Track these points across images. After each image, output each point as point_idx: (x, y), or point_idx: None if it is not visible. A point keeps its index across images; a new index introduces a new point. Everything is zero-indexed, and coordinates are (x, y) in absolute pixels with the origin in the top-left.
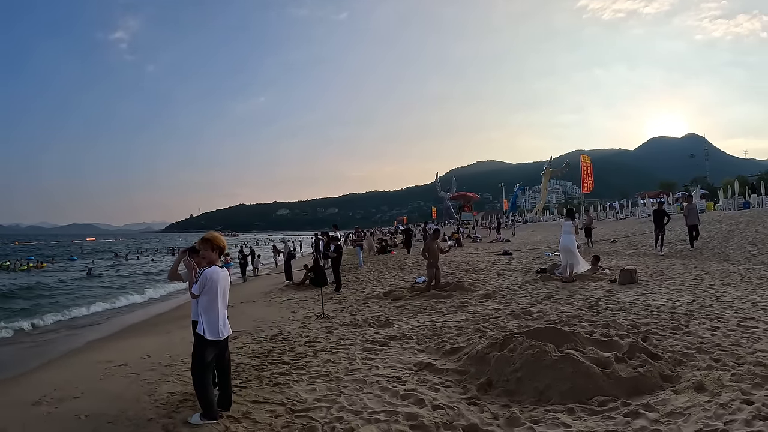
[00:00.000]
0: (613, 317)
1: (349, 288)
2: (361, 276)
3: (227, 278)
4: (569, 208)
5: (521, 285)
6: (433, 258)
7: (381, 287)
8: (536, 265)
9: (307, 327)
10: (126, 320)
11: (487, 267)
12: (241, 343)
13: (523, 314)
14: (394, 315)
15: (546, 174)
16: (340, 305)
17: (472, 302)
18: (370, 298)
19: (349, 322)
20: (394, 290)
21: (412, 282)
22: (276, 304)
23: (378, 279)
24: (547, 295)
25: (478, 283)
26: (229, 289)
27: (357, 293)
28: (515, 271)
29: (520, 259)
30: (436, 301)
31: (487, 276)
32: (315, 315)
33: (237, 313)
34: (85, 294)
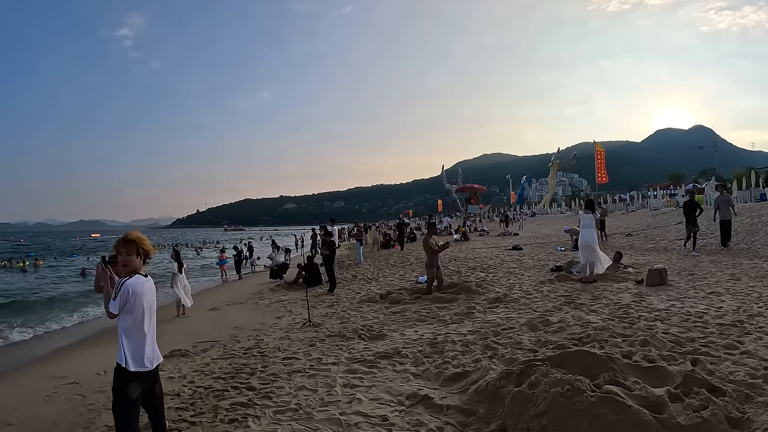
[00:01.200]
0: (650, 330)
1: (345, 288)
2: (360, 274)
3: (153, 290)
4: (589, 198)
5: (535, 286)
6: (431, 256)
7: (379, 287)
8: (550, 262)
9: (288, 337)
10: (105, 323)
11: (496, 264)
12: (209, 359)
13: (541, 324)
14: (390, 324)
15: (554, 166)
16: (331, 309)
17: (481, 308)
18: (365, 301)
19: (337, 332)
20: (392, 292)
21: (413, 282)
22: (262, 308)
23: (377, 278)
24: (566, 300)
25: (486, 283)
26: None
27: (352, 295)
28: (527, 269)
29: (531, 255)
30: (439, 307)
31: (496, 275)
32: (301, 321)
33: (218, 318)
34: (71, 295)
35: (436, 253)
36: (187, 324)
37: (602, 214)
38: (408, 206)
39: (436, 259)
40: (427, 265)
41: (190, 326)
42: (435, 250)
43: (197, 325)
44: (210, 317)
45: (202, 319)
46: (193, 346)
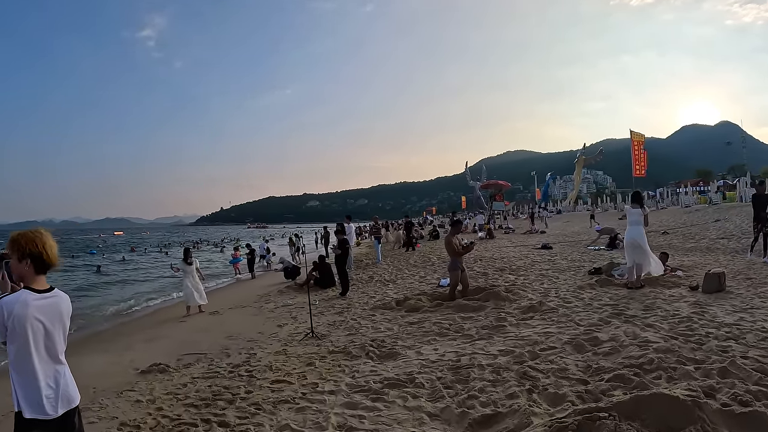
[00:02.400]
0: (725, 353)
1: (358, 291)
2: (377, 275)
3: (56, 310)
4: (636, 191)
5: (574, 292)
6: (454, 258)
7: (396, 291)
8: (586, 263)
9: (285, 352)
10: (95, 327)
11: (526, 265)
12: (189, 377)
13: (588, 344)
14: (405, 337)
15: (579, 162)
16: (340, 317)
17: (513, 319)
18: (379, 307)
19: (342, 348)
20: (410, 297)
21: (434, 285)
22: (265, 313)
23: (395, 279)
24: (613, 310)
25: (517, 288)
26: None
27: (365, 299)
28: (562, 271)
29: (564, 255)
30: (463, 317)
31: (527, 277)
32: (304, 332)
33: (214, 324)
34: (78, 292)
35: (460, 254)
36: (181, 330)
37: None
38: (431, 203)
39: (461, 261)
40: (450, 267)
41: (182, 333)
42: (458, 252)
43: (190, 331)
44: (206, 323)
45: (197, 325)
46: (177, 359)
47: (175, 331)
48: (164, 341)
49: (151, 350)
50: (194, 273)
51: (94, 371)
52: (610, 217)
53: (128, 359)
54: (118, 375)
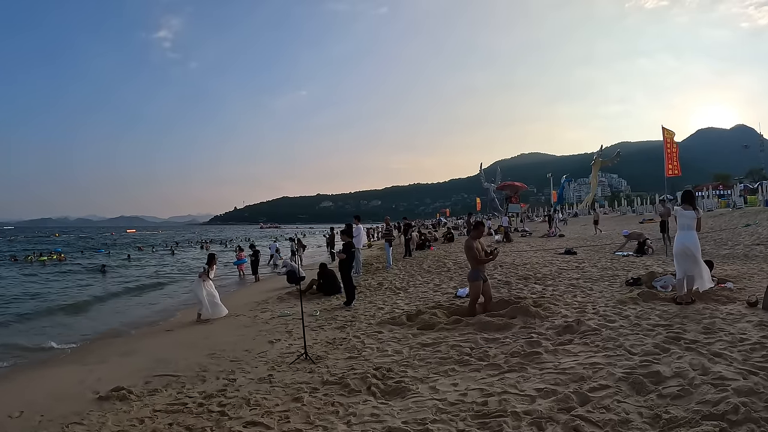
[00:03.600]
0: None
1: (366, 300)
2: (387, 281)
3: None
4: (687, 190)
5: (615, 307)
6: (475, 266)
7: (408, 301)
8: (619, 272)
9: (271, 380)
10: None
11: (552, 273)
12: (150, 409)
13: (650, 381)
14: (417, 365)
15: (596, 164)
16: (342, 333)
17: (548, 343)
18: (387, 322)
19: (340, 377)
20: (424, 311)
21: (451, 295)
22: (258, 324)
23: (406, 287)
24: (668, 333)
25: (547, 301)
26: None
27: (373, 311)
28: (594, 280)
29: (590, 261)
30: (487, 338)
31: (556, 288)
32: (298, 352)
33: (199, 337)
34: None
35: (483, 262)
36: (162, 343)
37: (665, 215)
38: (445, 205)
39: (483, 269)
40: (469, 276)
41: (163, 347)
42: (480, 259)
43: (172, 345)
44: (191, 335)
45: (181, 338)
46: (146, 381)
47: (156, 343)
48: (140, 357)
49: (123, 367)
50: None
51: (55, 389)
52: (621, 222)
53: (96, 377)
54: (75, 399)
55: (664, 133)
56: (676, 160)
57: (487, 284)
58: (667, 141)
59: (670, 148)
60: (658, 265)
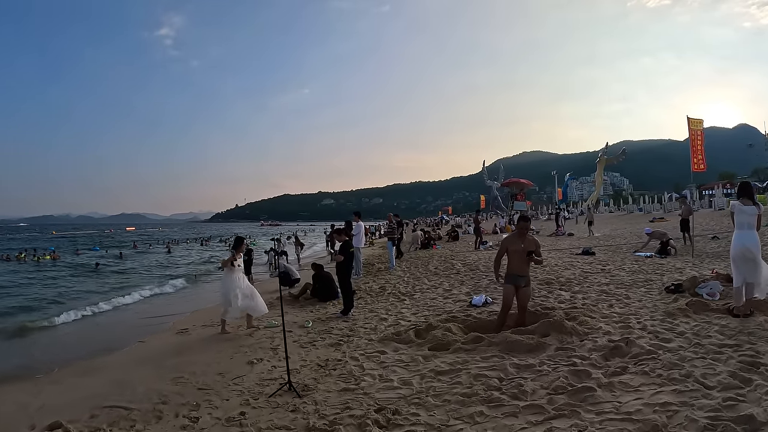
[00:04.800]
0: None
1: (365, 308)
2: (390, 284)
3: None
4: (745, 182)
5: (663, 321)
6: (516, 270)
7: (414, 311)
8: (651, 276)
9: (242, 421)
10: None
11: (577, 277)
12: None
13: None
14: (431, 405)
15: (601, 162)
16: (337, 352)
17: (597, 372)
18: (392, 339)
19: (331, 421)
20: (435, 325)
21: (464, 303)
22: (241, 338)
23: (412, 292)
24: (739, 356)
25: (580, 313)
26: None
27: (374, 323)
28: (626, 286)
29: (614, 263)
30: (518, 365)
31: (587, 296)
32: (281, 378)
33: (169, 354)
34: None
35: (495, 267)
36: (128, 360)
37: (686, 213)
38: (447, 203)
39: (521, 271)
40: (506, 277)
41: (124, 366)
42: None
43: (135, 363)
44: (162, 349)
45: (148, 353)
46: (91, 415)
47: (122, 360)
48: (98, 378)
49: (74, 391)
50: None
51: None
52: (629, 221)
53: (40, 402)
54: None
55: (690, 124)
56: (702, 153)
57: (524, 291)
58: (693, 132)
59: (696, 139)
60: (690, 268)
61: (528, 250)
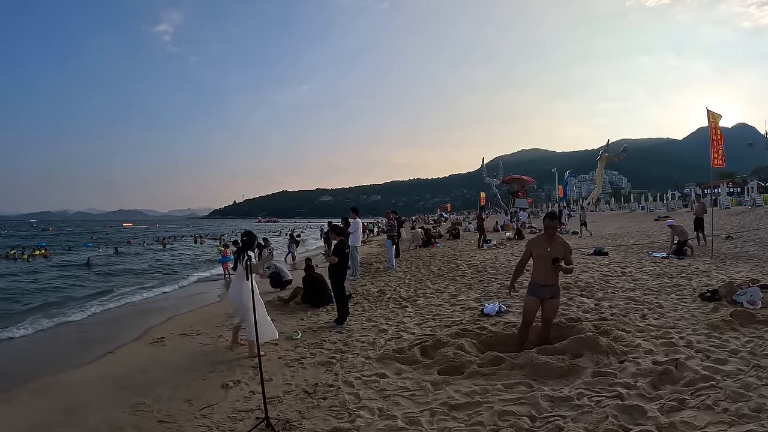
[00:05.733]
0: None
1: (362, 316)
2: (390, 287)
3: None
4: None
5: (708, 336)
6: (540, 279)
7: (418, 320)
8: (679, 280)
9: None
10: None
11: (596, 281)
12: None
13: None
14: None
15: (602, 160)
16: (327, 373)
17: (651, 407)
18: (393, 357)
19: None
20: (444, 340)
21: (475, 312)
22: (219, 351)
23: (414, 297)
24: None
25: (610, 324)
26: None
27: (372, 335)
28: (654, 291)
29: (632, 264)
30: (551, 397)
31: (613, 303)
32: (258, 410)
33: (136, 369)
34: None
35: (516, 274)
36: (86, 376)
37: (699, 211)
38: (445, 201)
39: (548, 280)
40: (531, 288)
41: (82, 383)
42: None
43: (95, 381)
44: (129, 364)
45: (111, 369)
46: None
47: (82, 375)
48: (48, 398)
49: (18, 415)
50: None
51: None
52: (632, 220)
53: None
54: None
55: (710, 117)
56: (722, 148)
57: (550, 304)
58: (713, 126)
59: (716, 134)
60: (716, 270)
61: (554, 256)
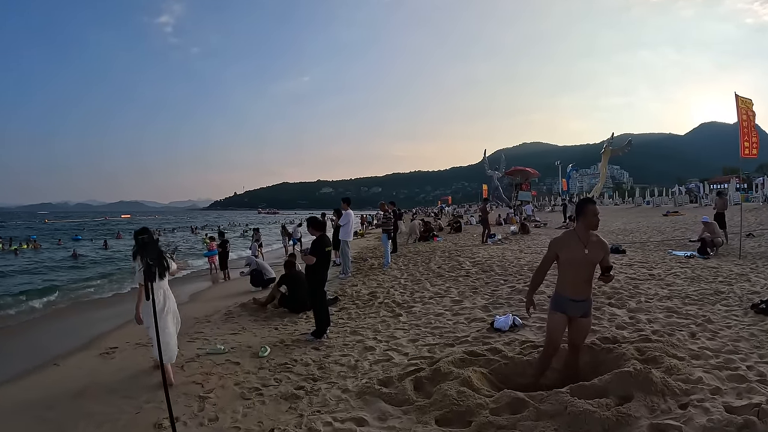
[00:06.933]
0: None
1: (347, 327)
2: (382, 289)
3: None
4: None
5: None
6: (571, 292)
7: (413, 335)
8: (715, 284)
9: None
10: None
11: (625, 286)
12: None
13: None
14: None
15: (605, 153)
16: (290, 413)
17: None
18: (375, 392)
19: None
20: (446, 369)
21: (481, 323)
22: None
23: (411, 303)
24: None
25: (656, 347)
26: None
27: (355, 354)
28: (694, 300)
29: (658, 265)
30: None
31: (650, 314)
32: None
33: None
34: None
35: (535, 284)
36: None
37: (721, 207)
38: (446, 193)
39: (576, 292)
40: (559, 302)
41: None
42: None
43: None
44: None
45: (45, 392)
46: None
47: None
48: None
49: None
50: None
51: None
52: (639, 215)
53: None
54: None
55: (738, 102)
56: (755, 136)
57: (582, 324)
58: (743, 112)
59: (747, 120)
60: (755, 274)
61: (596, 260)
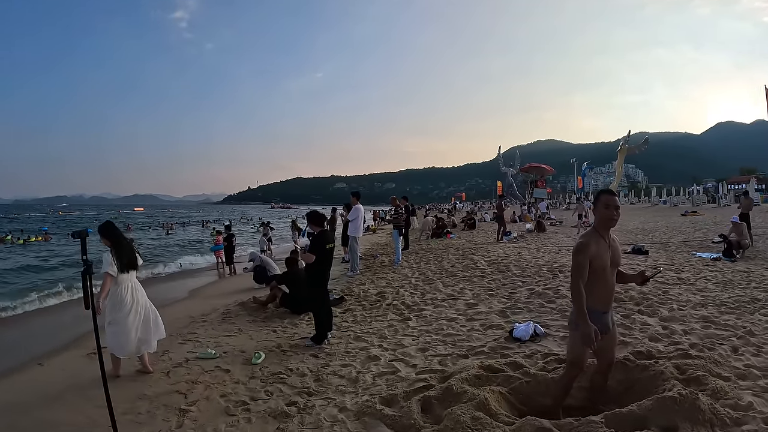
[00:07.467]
0: None
1: (351, 331)
2: (392, 288)
3: None
4: None
5: None
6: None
7: (423, 342)
8: (751, 291)
9: None
10: None
11: (655, 292)
12: None
13: None
14: None
15: (622, 151)
16: None
17: None
18: (377, 414)
19: None
20: (458, 388)
21: (498, 332)
22: (147, 380)
23: (421, 305)
24: None
25: (698, 365)
26: None
27: (357, 365)
28: (730, 308)
29: (686, 268)
30: None
31: (686, 324)
32: None
33: (45, 399)
34: None
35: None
36: None
37: (746, 207)
38: (459, 190)
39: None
40: (571, 320)
41: None
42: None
43: None
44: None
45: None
46: None
47: None
48: None
49: None
50: None
51: None
52: (656, 214)
53: None
54: None
55: None
56: None
57: (611, 337)
58: None
59: None
60: None
61: (619, 262)
